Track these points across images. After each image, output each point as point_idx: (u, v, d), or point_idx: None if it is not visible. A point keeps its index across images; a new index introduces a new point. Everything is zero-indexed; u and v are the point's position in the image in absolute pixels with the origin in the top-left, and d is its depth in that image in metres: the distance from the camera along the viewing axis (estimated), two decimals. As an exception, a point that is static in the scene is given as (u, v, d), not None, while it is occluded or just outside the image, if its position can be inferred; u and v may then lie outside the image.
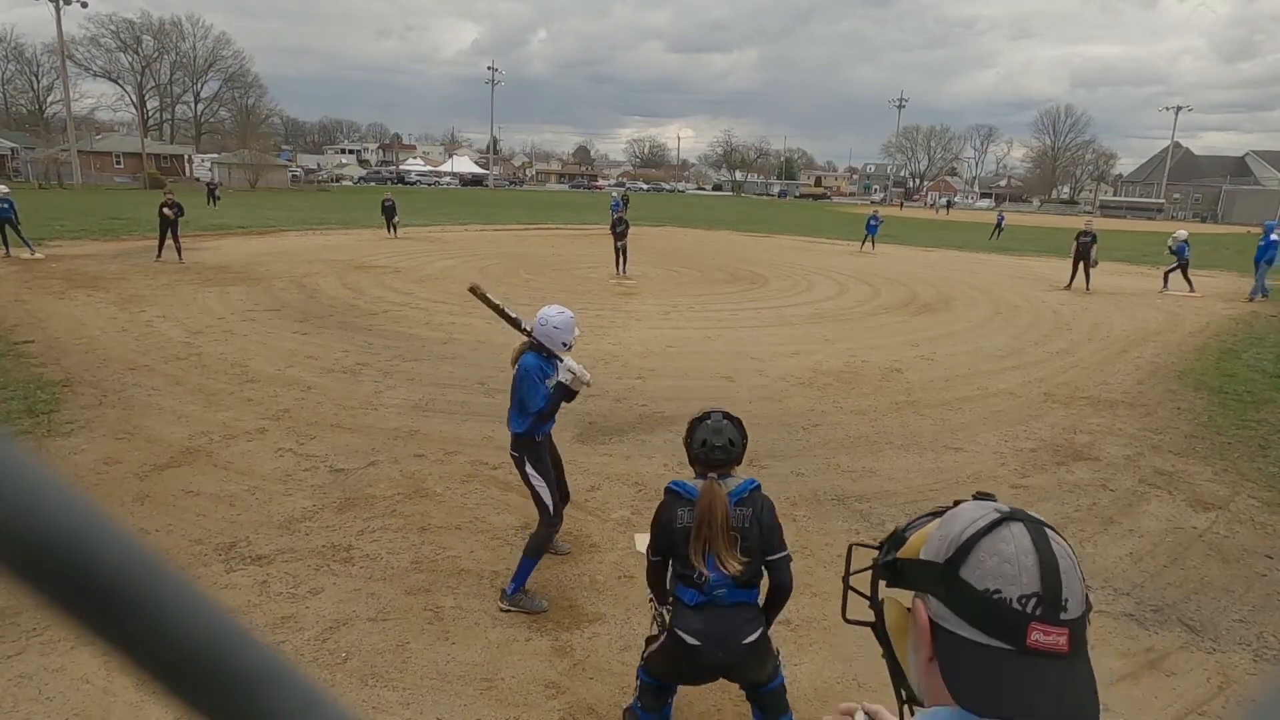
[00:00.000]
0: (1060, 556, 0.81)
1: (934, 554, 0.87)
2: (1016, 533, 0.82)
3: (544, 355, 4.03)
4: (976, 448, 6.81)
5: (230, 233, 24.02)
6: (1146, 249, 31.24)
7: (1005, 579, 0.80)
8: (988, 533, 0.83)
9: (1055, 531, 0.85)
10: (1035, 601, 0.79)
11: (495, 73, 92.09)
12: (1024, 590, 0.79)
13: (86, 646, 0.28)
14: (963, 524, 0.85)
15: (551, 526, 4.12)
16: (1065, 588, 0.80)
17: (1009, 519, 0.84)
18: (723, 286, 16.43)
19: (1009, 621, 0.79)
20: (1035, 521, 0.84)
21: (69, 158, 51.24)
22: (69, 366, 8.28)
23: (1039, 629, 0.78)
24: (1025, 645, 0.78)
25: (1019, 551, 0.81)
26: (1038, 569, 0.80)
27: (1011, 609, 0.79)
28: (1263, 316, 14.95)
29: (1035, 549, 0.81)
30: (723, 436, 2.71)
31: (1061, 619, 0.79)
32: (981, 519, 0.85)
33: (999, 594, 0.80)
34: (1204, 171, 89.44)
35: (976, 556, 0.82)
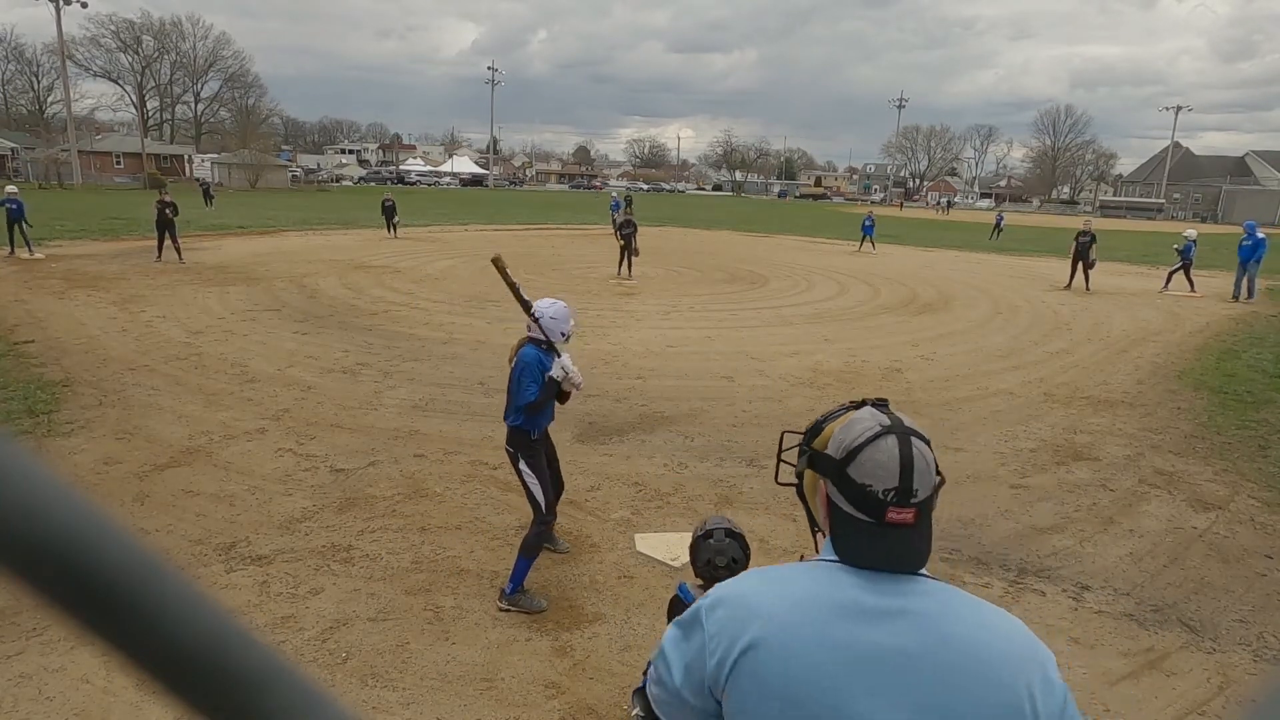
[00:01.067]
0: (918, 459, 1.14)
1: (834, 451, 1.19)
2: (889, 443, 1.14)
3: (544, 348, 4.04)
4: (976, 448, 6.81)
5: (230, 233, 24.03)
6: (1146, 249, 31.26)
7: (876, 477, 1.13)
8: (870, 443, 1.15)
9: (920, 438, 1.17)
10: (894, 493, 1.13)
11: (495, 73, 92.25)
12: (887, 485, 1.13)
13: (86, 646, 0.28)
14: (855, 433, 1.17)
15: (544, 523, 4.12)
16: (917, 482, 1.13)
17: (887, 432, 1.16)
18: (723, 286, 16.43)
19: (875, 506, 1.13)
20: (906, 433, 1.16)
21: (69, 158, 51.27)
22: (69, 366, 8.28)
23: (894, 511, 1.13)
24: (884, 521, 1.13)
25: (888, 459, 1.13)
26: (899, 470, 1.13)
27: (878, 497, 1.13)
28: (1263, 316, 14.95)
29: (900, 456, 1.13)
30: (725, 556, 2.69)
31: (911, 502, 1.13)
32: (868, 431, 1.16)
33: (870, 487, 1.14)
34: (1204, 171, 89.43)
35: (859, 460, 1.15)
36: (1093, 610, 4.31)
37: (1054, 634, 4.07)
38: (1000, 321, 13.28)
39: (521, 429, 4.05)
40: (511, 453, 4.12)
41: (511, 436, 4.10)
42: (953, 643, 1.11)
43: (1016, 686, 1.08)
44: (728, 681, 1.13)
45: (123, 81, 75.40)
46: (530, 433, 4.07)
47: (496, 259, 4.21)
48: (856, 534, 1.15)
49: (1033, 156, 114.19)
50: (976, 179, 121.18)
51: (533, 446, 4.10)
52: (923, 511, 1.14)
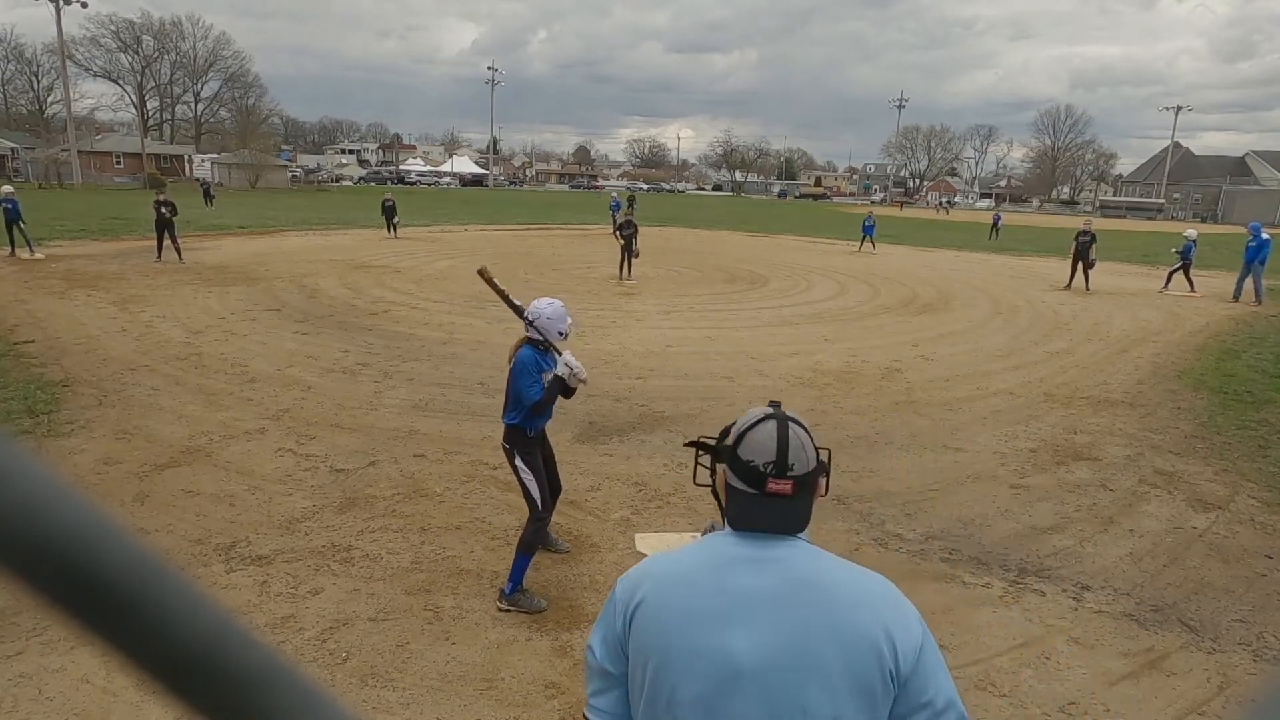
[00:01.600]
0: (793, 439, 1.34)
1: (732, 440, 1.39)
2: (769, 426, 1.35)
3: (541, 349, 4.05)
4: (976, 448, 6.81)
5: (230, 233, 24.03)
6: (1147, 249, 31.26)
7: (757, 453, 1.34)
8: (753, 427, 1.36)
9: (799, 424, 1.37)
10: (772, 465, 1.32)
11: (495, 73, 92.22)
12: (766, 459, 1.33)
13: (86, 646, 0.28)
14: (744, 422, 1.39)
15: (540, 521, 4.13)
16: (792, 458, 1.33)
17: (768, 418, 1.37)
18: (723, 286, 16.43)
19: (757, 478, 1.33)
20: (785, 419, 1.37)
21: (69, 158, 51.27)
22: (69, 366, 8.28)
23: (773, 481, 1.32)
24: (764, 491, 1.33)
25: (765, 438, 1.34)
26: (775, 447, 1.33)
27: (759, 470, 1.33)
28: (1263, 316, 14.95)
29: (777, 435, 1.34)
30: None
31: (788, 475, 1.32)
32: (753, 418, 1.38)
33: (752, 462, 1.34)
34: (1204, 171, 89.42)
35: (745, 441, 1.36)
36: (1093, 610, 4.31)
37: (1054, 634, 4.08)
38: (1000, 321, 13.28)
39: (519, 427, 4.07)
40: (508, 449, 4.14)
41: (508, 434, 4.12)
42: (815, 585, 1.28)
43: (872, 626, 1.25)
44: (628, 638, 1.33)
45: (123, 81, 75.45)
46: (527, 430, 4.08)
47: (483, 270, 4.24)
48: (743, 503, 1.35)
49: (1033, 156, 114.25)
50: (976, 179, 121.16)
51: (529, 444, 4.11)
52: (800, 484, 1.33)
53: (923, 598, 4.36)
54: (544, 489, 4.13)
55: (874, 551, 4.85)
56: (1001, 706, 3.49)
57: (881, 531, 5.15)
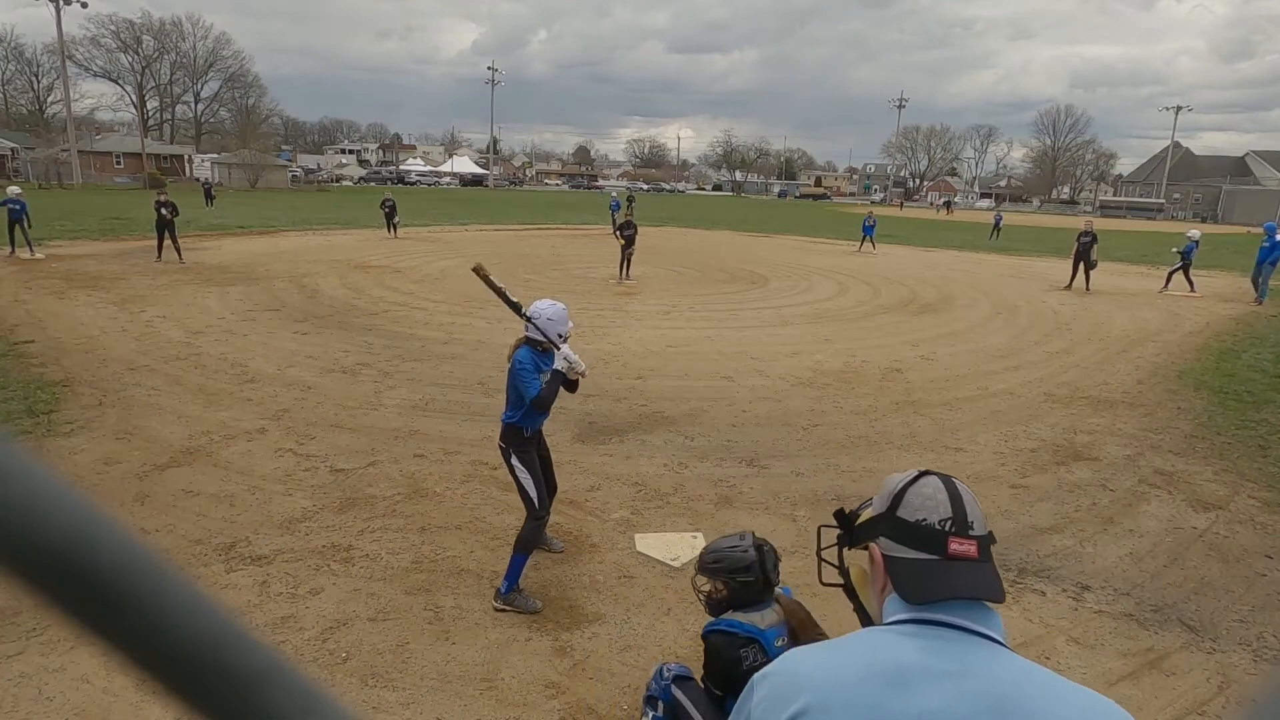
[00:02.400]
0: (964, 494, 1.13)
1: (876, 509, 1.17)
2: (932, 480, 1.15)
3: (539, 350, 4.05)
4: (976, 448, 6.81)
5: (230, 233, 24.03)
6: (1147, 249, 31.27)
7: (928, 510, 1.11)
8: (912, 483, 1.15)
9: (959, 483, 1.16)
10: (950, 522, 1.09)
11: (495, 73, 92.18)
12: (941, 515, 1.10)
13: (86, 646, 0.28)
14: (894, 482, 1.17)
15: (538, 520, 4.13)
16: (970, 513, 1.11)
17: (925, 474, 1.17)
18: (723, 286, 16.43)
19: (935, 539, 1.09)
20: (945, 475, 1.17)
21: (69, 158, 51.26)
22: (69, 366, 8.28)
23: (955, 541, 1.08)
24: (947, 554, 1.08)
25: (934, 490, 1.13)
26: (949, 501, 1.11)
27: (935, 529, 1.09)
28: (1263, 316, 14.95)
29: (946, 489, 1.13)
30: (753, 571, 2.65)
31: (970, 534, 1.09)
32: (907, 475, 1.17)
33: (925, 520, 1.10)
34: (1204, 171, 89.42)
35: (906, 499, 1.13)
36: (1093, 610, 4.31)
37: (1054, 634, 4.08)
38: (1000, 321, 13.28)
39: (516, 426, 4.08)
40: (504, 448, 4.16)
41: (505, 433, 4.13)
42: (1021, 713, 0.98)
43: None
44: None
45: (123, 81, 75.49)
46: (524, 430, 4.09)
47: (478, 267, 4.23)
48: (919, 574, 1.08)
49: (1033, 156, 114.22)
50: (976, 179, 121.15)
51: (525, 443, 4.12)
52: (984, 547, 1.09)
53: (923, 598, 4.36)
54: (541, 488, 4.14)
55: (874, 551, 4.85)
56: (1001, 706, 3.49)
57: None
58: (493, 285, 4.09)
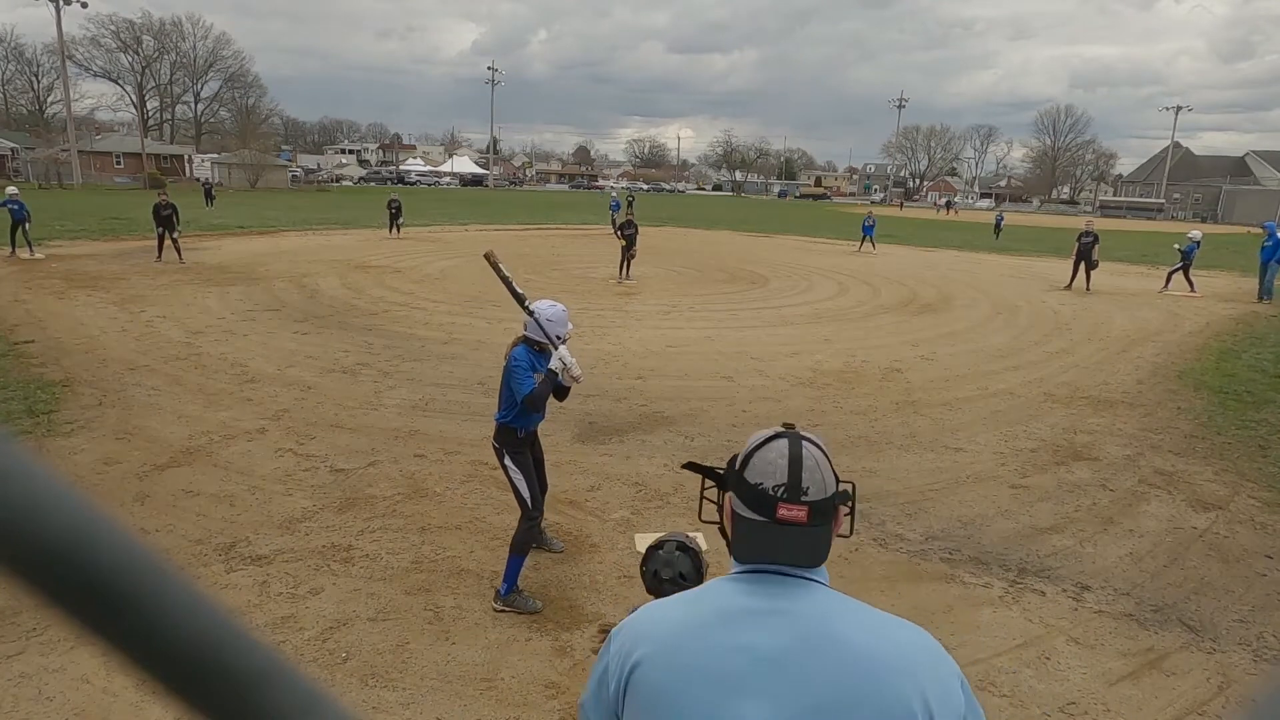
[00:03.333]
0: (807, 459, 1.17)
1: (737, 464, 1.22)
2: (779, 445, 1.18)
3: (536, 349, 4.05)
4: (976, 448, 6.81)
5: (230, 233, 24.03)
6: (1147, 249, 31.27)
7: (766, 475, 1.16)
8: (762, 445, 1.20)
9: (814, 443, 1.20)
10: (783, 489, 1.15)
11: (495, 73, 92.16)
12: (776, 481, 1.15)
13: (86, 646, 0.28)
14: (751, 442, 1.22)
15: (531, 520, 4.13)
16: (807, 479, 1.15)
17: (779, 436, 1.20)
18: (723, 286, 16.43)
19: (766, 502, 1.15)
20: (798, 437, 1.20)
21: (69, 158, 51.24)
22: (69, 366, 8.28)
23: (784, 507, 1.14)
24: (776, 518, 1.15)
25: (777, 456, 1.17)
26: (788, 467, 1.16)
27: (768, 494, 1.15)
28: (1263, 316, 14.95)
29: (789, 454, 1.17)
30: (673, 569, 2.57)
31: (802, 500, 1.15)
32: (762, 436, 1.22)
33: (761, 485, 1.16)
34: (1204, 171, 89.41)
35: (752, 462, 1.19)
36: (1093, 610, 4.31)
37: (1054, 634, 4.08)
38: (1000, 321, 13.28)
39: (509, 426, 4.08)
40: (497, 448, 4.17)
41: (499, 433, 4.14)
42: (836, 643, 1.08)
43: (905, 693, 1.05)
44: (623, 702, 1.16)
45: (123, 81, 75.50)
46: (517, 430, 4.09)
47: (489, 254, 4.23)
48: (751, 533, 1.17)
49: (1033, 156, 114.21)
50: (977, 179, 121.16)
51: (518, 444, 4.12)
52: (817, 512, 1.15)
53: (923, 598, 4.36)
54: (534, 488, 4.14)
55: (874, 551, 4.85)
56: (1001, 706, 3.49)
57: (882, 531, 5.15)
58: (501, 274, 4.08)
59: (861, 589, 4.40)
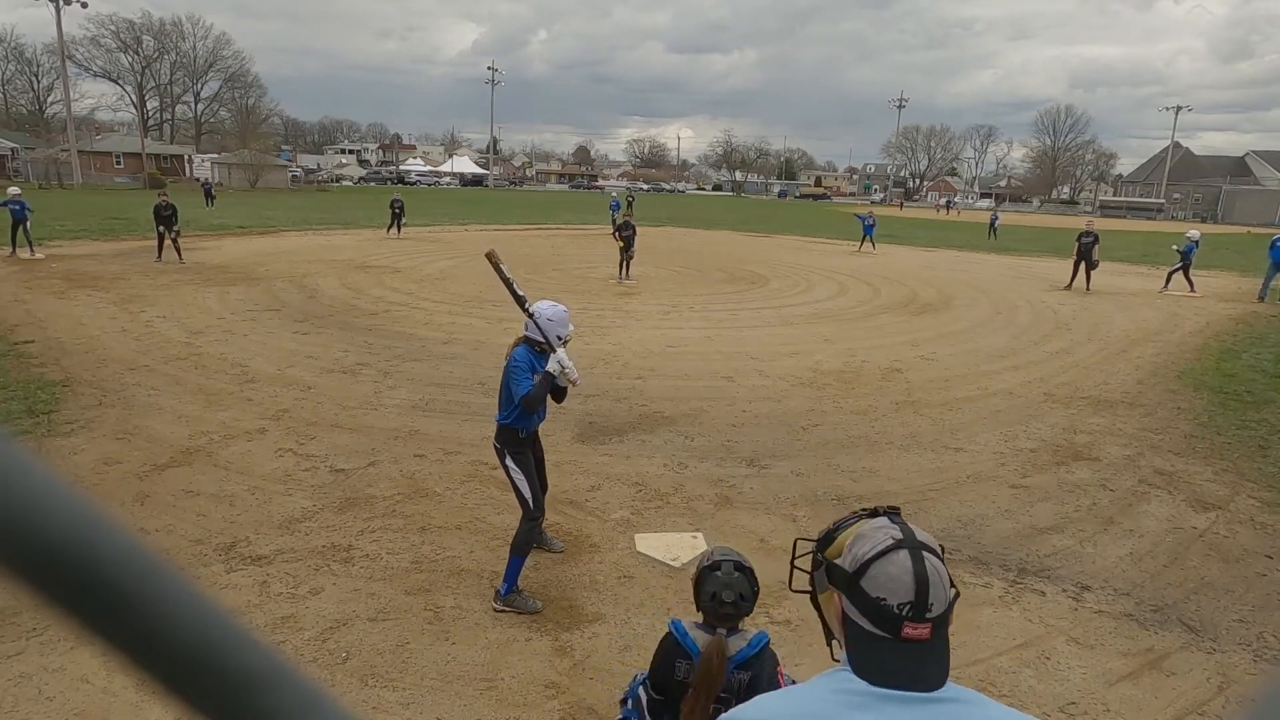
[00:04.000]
0: (931, 574, 1.12)
1: (847, 564, 1.17)
2: (901, 557, 1.12)
3: (536, 350, 4.05)
4: (976, 448, 6.80)
5: (230, 233, 24.03)
6: (1147, 249, 31.26)
7: (890, 591, 1.11)
8: (881, 556, 1.13)
9: (933, 553, 1.15)
10: (909, 607, 1.10)
11: (495, 73, 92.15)
12: (901, 599, 1.10)
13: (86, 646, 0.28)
14: (867, 547, 1.15)
15: (532, 520, 4.13)
16: (932, 596, 1.10)
17: (899, 546, 1.14)
18: (723, 286, 16.43)
19: (890, 620, 1.10)
20: (919, 547, 1.14)
21: (69, 158, 51.25)
22: (69, 366, 8.28)
23: (910, 626, 1.10)
24: (900, 637, 1.10)
25: (901, 572, 1.11)
26: (913, 585, 1.10)
27: (892, 612, 1.10)
28: (1263, 316, 14.96)
29: (913, 570, 1.11)
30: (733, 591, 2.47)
31: (926, 617, 1.10)
32: (880, 544, 1.15)
33: (885, 601, 1.11)
34: (1204, 171, 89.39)
35: (872, 573, 1.12)
36: (1093, 610, 4.31)
37: (1054, 634, 4.08)
38: (1000, 321, 13.28)
39: (510, 426, 4.08)
40: (498, 449, 4.17)
41: (500, 433, 4.14)
42: None
43: None
44: None
45: (123, 81, 75.49)
46: (519, 431, 4.09)
47: (490, 253, 4.22)
48: (872, 649, 1.12)
49: (1033, 156, 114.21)
50: (976, 179, 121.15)
51: (520, 444, 4.12)
52: (938, 626, 1.12)
53: (923, 598, 4.36)
54: (536, 489, 4.14)
55: (874, 551, 4.85)
56: (1001, 706, 3.49)
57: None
58: (502, 274, 4.08)
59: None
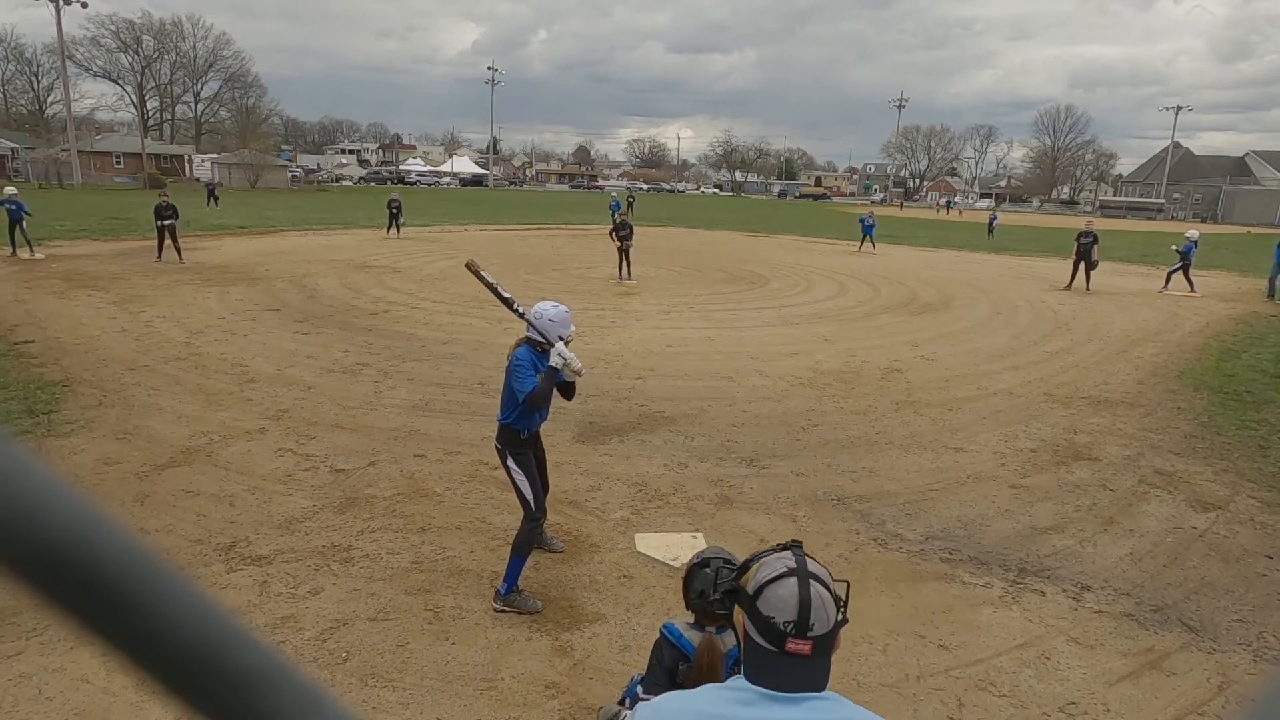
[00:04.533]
0: (815, 599, 1.33)
1: (749, 588, 1.39)
2: (791, 584, 1.34)
3: (538, 350, 4.04)
4: (976, 448, 6.81)
5: (230, 233, 24.03)
6: (1147, 249, 31.26)
7: (778, 611, 1.32)
8: (774, 581, 1.35)
9: (821, 583, 1.35)
10: (793, 625, 1.30)
11: (495, 73, 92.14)
12: (787, 618, 1.31)
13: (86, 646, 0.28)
14: (765, 573, 1.37)
15: (534, 521, 4.13)
16: (814, 619, 1.31)
17: (790, 574, 1.36)
18: (723, 286, 16.43)
19: (777, 636, 1.31)
20: (806, 576, 1.35)
21: (69, 158, 51.25)
22: (69, 366, 8.28)
23: (793, 642, 1.30)
24: (784, 651, 1.30)
25: (788, 595, 1.33)
26: (797, 607, 1.31)
27: (778, 629, 1.31)
28: (1263, 316, 14.96)
29: (799, 595, 1.32)
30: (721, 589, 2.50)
31: (808, 636, 1.30)
32: (774, 572, 1.37)
33: (773, 619, 1.32)
34: (1204, 171, 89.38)
35: (766, 595, 1.34)
36: (1093, 610, 4.31)
37: (1054, 634, 4.08)
38: (1000, 321, 13.28)
39: (512, 427, 4.08)
40: (500, 450, 4.17)
41: (501, 434, 4.14)
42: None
43: None
44: None
45: (123, 81, 75.46)
46: (520, 432, 4.09)
47: (470, 263, 4.23)
48: (763, 660, 1.33)
49: (1033, 156, 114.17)
50: (977, 179, 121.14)
51: (521, 445, 4.11)
52: (820, 644, 1.32)
53: (922, 598, 4.36)
54: (537, 490, 4.14)
55: (874, 551, 4.85)
56: (1001, 706, 3.49)
57: (881, 531, 5.15)
58: (485, 281, 4.08)
59: (861, 589, 4.40)
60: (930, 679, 3.67)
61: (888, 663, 3.78)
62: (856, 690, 3.57)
